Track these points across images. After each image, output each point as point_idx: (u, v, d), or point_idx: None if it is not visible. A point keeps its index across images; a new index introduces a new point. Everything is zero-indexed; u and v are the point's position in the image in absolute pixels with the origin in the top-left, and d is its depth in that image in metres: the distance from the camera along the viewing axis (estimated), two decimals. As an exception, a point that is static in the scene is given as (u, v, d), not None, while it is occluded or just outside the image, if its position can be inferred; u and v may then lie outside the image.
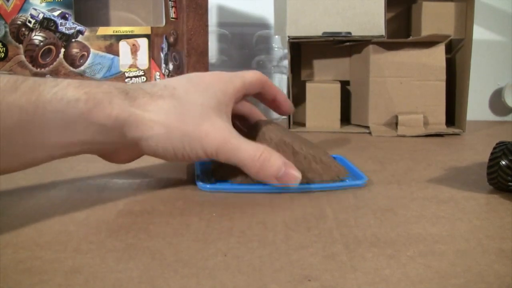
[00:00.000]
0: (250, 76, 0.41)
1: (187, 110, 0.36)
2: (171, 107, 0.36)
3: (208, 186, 0.40)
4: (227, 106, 0.38)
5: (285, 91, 0.98)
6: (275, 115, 1.00)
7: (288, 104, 0.46)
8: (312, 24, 0.73)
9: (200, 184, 0.40)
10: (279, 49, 0.99)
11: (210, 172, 0.44)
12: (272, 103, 0.45)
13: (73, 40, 0.79)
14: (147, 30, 0.79)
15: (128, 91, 0.35)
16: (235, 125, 0.41)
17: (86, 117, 0.33)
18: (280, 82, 1.00)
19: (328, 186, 0.41)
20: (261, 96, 0.44)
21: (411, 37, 0.80)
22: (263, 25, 0.99)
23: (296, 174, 0.37)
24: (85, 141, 0.34)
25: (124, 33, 0.79)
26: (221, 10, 0.99)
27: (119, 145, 0.37)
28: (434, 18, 0.77)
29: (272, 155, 0.37)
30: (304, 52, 0.82)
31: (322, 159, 0.40)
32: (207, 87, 0.38)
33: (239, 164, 0.37)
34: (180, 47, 0.78)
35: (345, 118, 0.80)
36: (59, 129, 0.33)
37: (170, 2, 0.77)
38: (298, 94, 0.81)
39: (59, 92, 0.32)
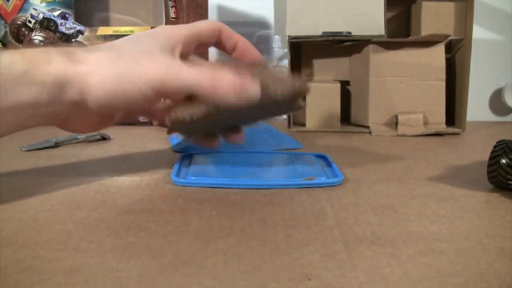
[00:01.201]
0: (201, 24, 0.40)
1: (126, 53, 0.35)
2: (109, 56, 0.35)
3: (182, 180, 0.42)
4: (172, 49, 0.37)
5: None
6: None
7: (254, 52, 0.43)
8: (312, 24, 0.74)
9: (175, 178, 0.42)
10: (279, 49, 0.99)
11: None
12: (235, 52, 0.43)
13: (73, 40, 0.79)
14: (146, 30, 0.79)
15: (67, 50, 0.35)
16: None
17: (24, 78, 0.32)
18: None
19: (302, 183, 0.42)
20: (221, 46, 0.42)
21: (411, 37, 0.80)
22: (263, 25, 0.99)
23: (254, 83, 0.36)
24: (30, 103, 0.33)
25: (124, 33, 0.79)
26: (221, 10, 0.99)
27: (67, 106, 0.35)
28: (434, 18, 0.77)
29: (222, 69, 0.36)
30: (304, 52, 0.82)
31: (276, 74, 0.39)
32: (149, 36, 0.37)
33: (189, 89, 0.35)
34: (180, 47, 0.78)
35: (345, 118, 0.80)
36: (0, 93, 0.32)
37: (170, 2, 0.77)
38: (298, 94, 0.81)
39: None
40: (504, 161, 0.39)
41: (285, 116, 0.81)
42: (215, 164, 0.48)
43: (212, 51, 0.51)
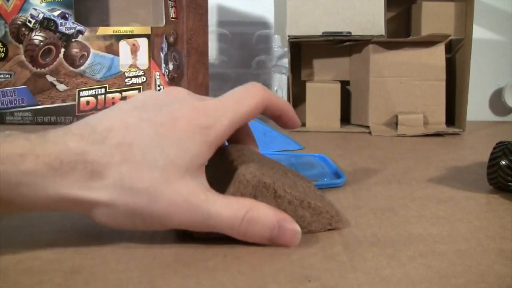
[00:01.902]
0: (248, 101, 0.31)
1: (140, 179, 0.27)
2: (118, 178, 0.27)
3: None
4: (200, 161, 0.29)
5: (285, 91, 0.98)
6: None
7: (295, 119, 0.35)
8: (312, 24, 0.74)
9: None
10: (279, 48, 0.99)
11: None
12: (277, 119, 0.35)
13: (73, 40, 0.79)
14: (147, 30, 0.79)
15: (60, 166, 0.27)
16: None
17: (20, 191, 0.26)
18: (280, 82, 1.00)
19: None
20: (265, 113, 0.34)
21: (411, 37, 0.80)
22: (263, 24, 0.99)
23: (295, 228, 0.29)
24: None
25: (124, 33, 0.79)
26: (221, 10, 0.99)
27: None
28: (434, 18, 0.77)
29: (257, 212, 0.28)
30: (304, 52, 0.82)
31: (311, 202, 0.31)
32: (178, 140, 0.28)
33: (221, 232, 0.29)
34: (180, 47, 0.78)
35: (345, 118, 0.80)
36: None
37: (170, 2, 0.77)
38: (298, 94, 0.81)
39: None
40: (503, 162, 0.39)
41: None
42: None
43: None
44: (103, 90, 0.80)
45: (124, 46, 0.79)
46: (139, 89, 0.80)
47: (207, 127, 0.28)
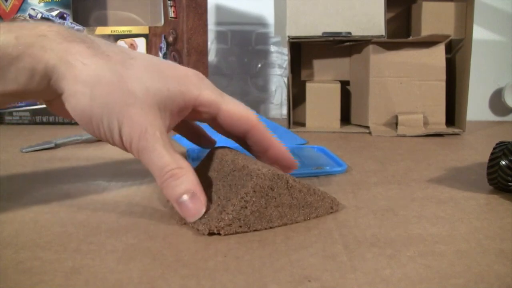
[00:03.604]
0: (232, 105, 0.33)
1: (126, 82, 0.30)
2: (111, 71, 0.30)
3: None
4: (175, 109, 0.32)
5: (285, 91, 0.98)
6: (272, 111, 1.00)
7: (290, 159, 0.36)
8: (312, 24, 0.73)
9: None
10: (279, 48, 0.99)
11: None
12: (264, 156, 0.36)
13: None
14: (144, 29, 0.79)
15: (69, 35, 0.31)
16: None
17: (15, 62, 0.29)
18: (280, 82, 1.00)
19: (309, 172, 0.45)
20: (248, 142, 0.35)
21: (411, 37, 0.80)
22: (263, 24, 0.99)
23: (200, 209, 0.30)
24: (17, 90, 0.31)
25: (122, 33, 0.79)
26: (221, 9, 0.99)
27: (52, 97, 0.32)
28: (434, 18, 0.77)
29: (184, 176, 0.30)
30: (304, 52, 0.82)
31: (316, 189, 0.34)
32: (167, 76, 0.32)
33: (148, 168, 0.31)
34: (180, 46, 0.78)
35: (345, 118, 0.80)
36: None
37: (169, 2, 0.77)
38: (298, 94, 0.81)
39: None
40: (503, 162, 0.39)
41: (284, 115, 0.81)
42: None
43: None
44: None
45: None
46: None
47: (193, 82, 0.32)
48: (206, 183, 0.34)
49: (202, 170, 0.36)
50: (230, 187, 0.32)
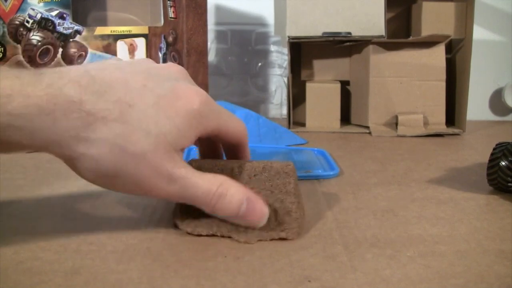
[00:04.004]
0: (234, 125, 0.33)
1: (133, 142, 0.27)
2: (112, 135, 0.27)
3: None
4: (186, 144, 0.30)
5: (285, 91, 0.98)
6: (272, 111, 1.00)
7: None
8: (312, 24, 0.73)
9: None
10: (279, 48, 0.99)
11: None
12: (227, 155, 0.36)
13: (71, 40, 0.79)
14: (144, 29, 0.79)
15: (53, 110, 0.26)
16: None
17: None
18: (280, 82, 1.00)
19: (302, 176, 0.44)
20: (227, 148, 0.35)
21: (411, 37, 0.80)
22: (263, 24, 0.99)
23: (263, 210, 0.30)
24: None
25: (122, 33, 0.79)
26: (220, 9, 0.99)
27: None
28: (434, 18, 0.77)
29: (230, 188, 0.29)
30: (304, 52, 0.82)
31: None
32: (174, 116, 0.28)
33: (194, 204, 0.30)
34: (180, 46, 0.78)
35: (345, 118, 0.80)
36: None
37: (168, 2, 0.77)
38: (298, 94, 0.81)
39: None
40: (503, 163, 0.39)
41: (284, 115, 0.81)
42: None
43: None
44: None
45: (121, 46, 0.79)
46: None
47: (202, 116, 0.29)
48: None
49: None
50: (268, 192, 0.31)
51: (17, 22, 0.79)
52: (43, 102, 0.25)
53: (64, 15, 0.79)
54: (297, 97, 0.81)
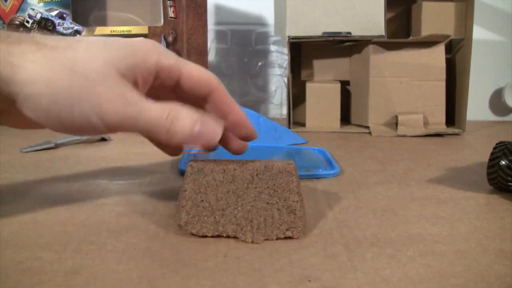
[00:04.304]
0: (190, 66, 0.32)
1: (83, 65, 0.28)
2: (62, 60, 0.28)
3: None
4: (139, 78, 0.30)
5: (285, 91, 0.98)
6: (272, 111, 1.00)
7: (250, 127, 0.35)
8: (312, 24, 0.73)
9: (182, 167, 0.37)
10: (279, 48, 0.99)
11: None
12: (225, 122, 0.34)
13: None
14: (144, 29, 0.79)
15: (10, 35, 0.28)
16: None
17: None
18: (280, 82, 1.00)
19: (302, 175, 0.44)
20: (208, 107, 0.34)
21: (411, 37, 0.80)
22: (263, 24, 0.99)
23: (216, 129, 0.30)
24: None
25: (122, 33, 0.79)
26: (220, 9, 0.99)
27: (2, 107, 0.30)
28: (434, 18, 0.77)
29: (181, 111, 0.29)
30: (304, 52, 0.82)
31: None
32: (121, 46, 0.30)
33: (145, 131, 0.29)
34: (180, 46, 0.78)
35: (345, 118, 0.80)
36: None
37: (168, 2, 0.77)
38: (298, 94, 0.81)
39: None
40: (503, 162, 0.39)
41: (284, 115, 0.81)
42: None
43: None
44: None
45: (123, 46, 0.79)
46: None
47: (152, 51, 0.30)
48: (233, 199, 0.31)
49: (213, 185, 0.32)
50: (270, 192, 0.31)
51: (17, 22, 0.79)
52: (10, 32, 0.28)
53: (64, 15, 0.79)
54: (297, 97, 0.81)
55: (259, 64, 1.00)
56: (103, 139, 0.62)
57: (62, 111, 0.28)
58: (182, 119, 0.29)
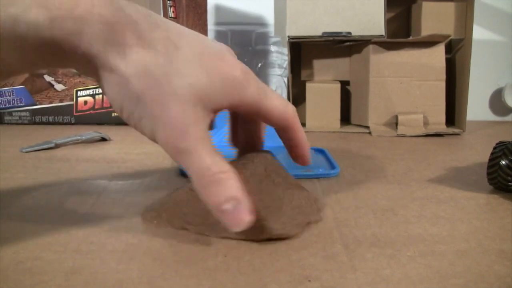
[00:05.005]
0: (276, 104, 0.32)
1: (168, 78, 0.27)
2: (153, 65, 0.27)
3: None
4: (216, 107, 0.29)
5: (285, 91, 0.98)
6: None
7: (307, 160, 0.36)
8: (312, 24, 0.73)
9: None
10: (279, 48, 0.99)
11: None
12: (288, 147, 0.36)
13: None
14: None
15: (113, 19, 0.27)
16: None
17: (48, 45, 0.26)
18: (280, 82, 1.00)
19: (299, 175, 0.45)
20: (281, 135, 0.35)
21: (411, 37, 0.80)
22: (263, 24, 0.99)
23: (245, 219, 0.27)
24: (44, 66, 0.29)
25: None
26: (221, 9, 0.99)
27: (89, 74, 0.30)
28: (434, 18, 0.77)
29: (227, 181, 0.28)
30: (304, 52, 0.82)
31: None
32: (214, 73, 0.28)
33: (187, 170, 0.28)
34: (180, 47, 0.78)
35: (345, 118, 0.80)
36: (13, 54, 0.26)
37: (168, 2, 0.77)
38: (298, 94, 0.81)
39: (20, 14, 0.25)
40: (503, 162, 0.39)
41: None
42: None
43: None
44: (100, 90, 0.80)
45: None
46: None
47: (240, 85, 0.29)
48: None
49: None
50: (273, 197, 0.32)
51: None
52: (105, 12, 0.26)
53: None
54: (297, 97, 0.81)
55: (259, 64, 1.00)
56: (103, 139, 0.62)
57: (123, 108, 0.28)
58: (221, 187, 0.28)
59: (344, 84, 0.80)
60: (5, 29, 0.25)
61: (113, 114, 0.79)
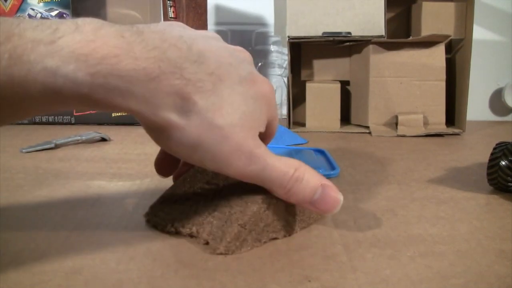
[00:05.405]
0: (276, 118, 0.33)
1: (223, 115, 0.27)
2: (204, 108, 0.27)
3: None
4: (261, 125, 0.30)
5: (285, 91, 0.98)
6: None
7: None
8: (312, 24, 0.73)
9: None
10: (279, 48, 0.99)
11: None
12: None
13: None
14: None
15: (162, 80, 0.25)
16: None
17: (85, 100, 0.25)
18: (280, 82, 1.00)
19: None
20: None
21: (411, 37, 0.80)
22: (263, 24, 0.99)
23: (337, 197, 0.29)
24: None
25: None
26: (221, 9, 0.99)
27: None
28: (434, 18, 0.77)
29: (306, 172, 0.29)
30: (304, 52, 0.82)
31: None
32: (255, 96, 0.29)
33: (267, 186, 0.29)
34: (180, 47, 0.78)
35: (345, 118, 0.80)
36: (39, 107, 0.25)
37: (168, 2, 0.77)
38: (298, 94, 0.81)
39: (57, 67, 0.23)
40: (503, 163, 0.39)
41: (284, 115, 0.81)
42: None
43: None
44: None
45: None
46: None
47: (270, 103, 0.30)
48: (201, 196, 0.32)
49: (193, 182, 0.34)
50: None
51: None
52: (149, 65, 0.25)
53: (64, 15, 0.79)
54: (297, 97, 0.81)
55: (259, 64, 1.00)
56: (103, 139, 0.62)
57: (183, 154, 0.28)
58: (305, 182, 0.29)
59: (344, 84, 0.80)
60: (37, 82, 0.23)
61: (113, 114, 0.79)
